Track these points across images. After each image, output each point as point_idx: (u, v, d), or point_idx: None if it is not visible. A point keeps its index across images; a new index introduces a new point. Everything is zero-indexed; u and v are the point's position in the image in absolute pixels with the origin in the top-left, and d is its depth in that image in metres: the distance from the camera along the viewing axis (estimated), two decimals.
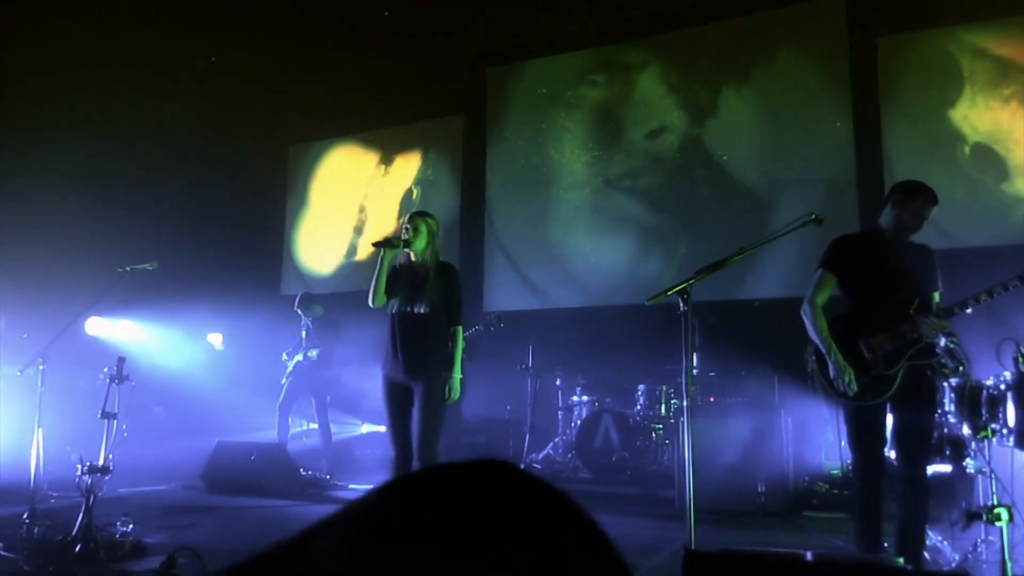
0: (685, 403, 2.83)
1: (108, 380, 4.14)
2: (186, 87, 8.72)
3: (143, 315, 8.12)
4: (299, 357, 6.97)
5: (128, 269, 4.69)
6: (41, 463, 4.50)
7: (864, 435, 3.27)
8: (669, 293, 2.92)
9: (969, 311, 3.21)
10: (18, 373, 4.60)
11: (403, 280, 4.05)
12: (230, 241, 9.56)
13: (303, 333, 7.08)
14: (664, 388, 6.43)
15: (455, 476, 0.53)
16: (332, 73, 9.43)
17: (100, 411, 4.05)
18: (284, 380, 6.96)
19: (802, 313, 3.40)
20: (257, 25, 8.43)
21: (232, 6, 7.97)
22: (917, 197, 3.32)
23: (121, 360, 4.21)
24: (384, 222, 9.37)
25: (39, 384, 4.46)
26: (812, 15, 7.33)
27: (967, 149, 6.57)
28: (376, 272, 3.93)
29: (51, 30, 7.38)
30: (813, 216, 3.11)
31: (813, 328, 3.35)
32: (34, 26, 7.28)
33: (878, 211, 3.48)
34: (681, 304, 2.90)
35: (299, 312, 7.08)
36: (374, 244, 3.99)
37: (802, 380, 5.45)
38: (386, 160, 9.68)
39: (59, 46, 7.55)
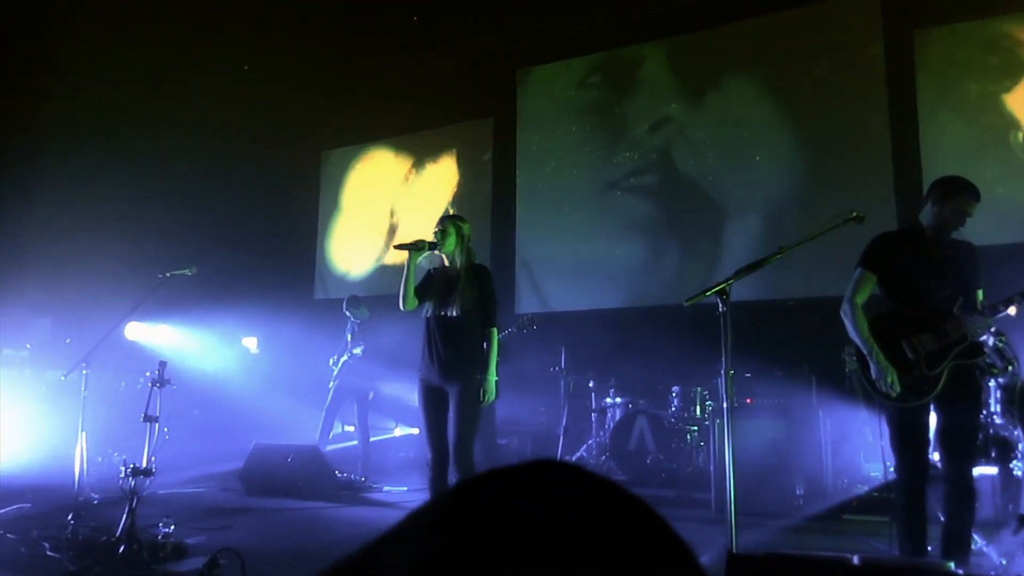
0: (725, 404, 2.80)
1: (150, 384, 4.21)
2: (221, 95, 8.85)
3: (181, 320, 8.26)
4: (345, 357, 7.04)
5: (167, 275, 4.78)
6: (85, 465, 4.59)
7: (907, 437, 3.21)
8: (708, 294, 2.89)
9: (1014, 310, 3.14)
10: (63, 377, 4.70)
11: (437, 284, 4.07)
12: (264, 246, 9.69)
13: (348, 336, 7.14)
14: (699, 390, 6.37)
15: (520, 480, 0.52)
16: (363, 79, 9.52)
17: (143, 414, 4.11)
18: (332, 383, 7.03)
19: (841, 313, 3.35)
20: (289, 33, 8.54)
21: (264, 14, 8.08)
22: (959, 194, 3.25)
23: (162, 364, 4.29)
24: (415, 226, 9.42)
25: (83, 388, 4.55)
26: (844, 10, 7.22)
27: (1021, 136, 6.41)
28: (404, 276, 3.96)
29: (93, 43, 7.53)
30: (853, 214, 3.07)
31: (853, 328, 3.30)
32: (77, 39, 7.44)
33: (917, 208, 3.42)
34: (720, 304, 2.88)
35: (347, 314, 7.15)
36: (396, 247, 4.02)
37: (840, 381, 5.39)
38: (417, 164, 9.73)
39: (101, 58, 7.70)
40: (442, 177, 9.49)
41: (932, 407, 3.21)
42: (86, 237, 7.58)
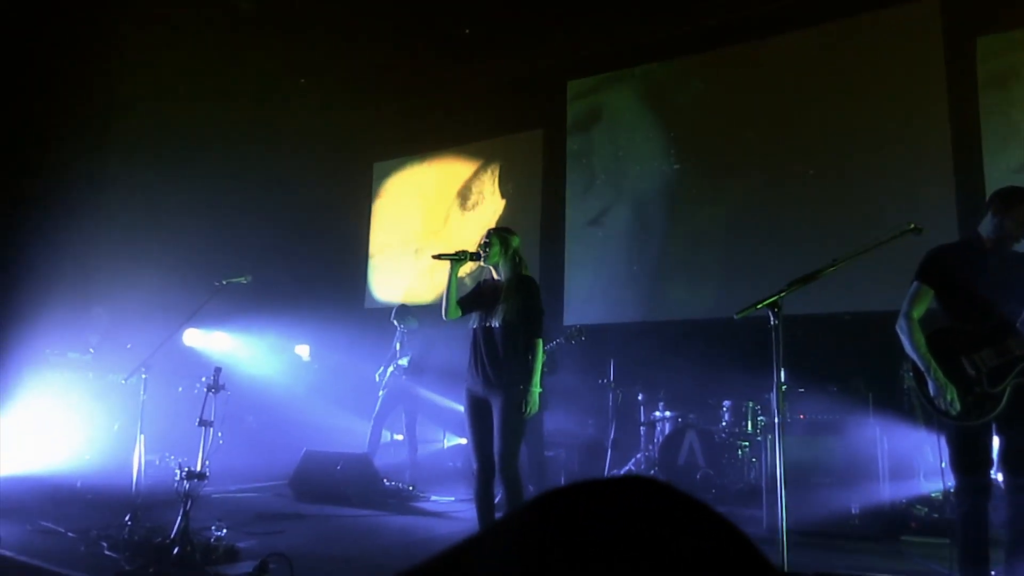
0: (777, 419, 2.75)
1: (205, 389, 4.32)
2: (277, 109, 9.08)
3: (236, 327, 8.46)
4: (392, 367, 7.11)
5: (223, 283, 4.90)
6: (143, 468, 4.73)
7: (969, 457, 3.10)
8: (759, 306, 2.85)
9: None
10: (123, 382, 4.85)
11: (485, 296, 4.10)
12: (316, 255, 9.88)
13: (397, 345, 7.22)
14: (750, 404, 6.26)
15: (610, 495, 0.52)
16: (415, 91, 9.66)
17: (198, 419, 4.23)
18: (381, 392, 7.11)
19: (897, 328, 3.26)
20: (343, 47, 8.72)
21: (319, 29, 8.28)
22: (1020, 204, 3.15)
23: (218, 370, 4.39)
24: (465, 236, 9.50)
25: (141, 392, 4.70)
26: (902, 18, 7.06)
27: None
28: (447, 286, 4.00)
29: (158, 56, 7.80)
30: (911, 225, 3.00)
31: (910, 343, 3.21)
32: (142, 52, 7.72)
33: (977, 220, 3.32)
34: (772, 318, 2.83)
35: (395, 323, 7.22)
36: (435, 257, 4.06)
37: (898, 397, 5.24)
38: (467, 175, 9.81)
39: (167, 72, 7.97)
40: (492, 187, 9.55)
41: (995, 426, 3.10)
42: (148, 247, 7.83)
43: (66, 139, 7.63)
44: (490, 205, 9.51)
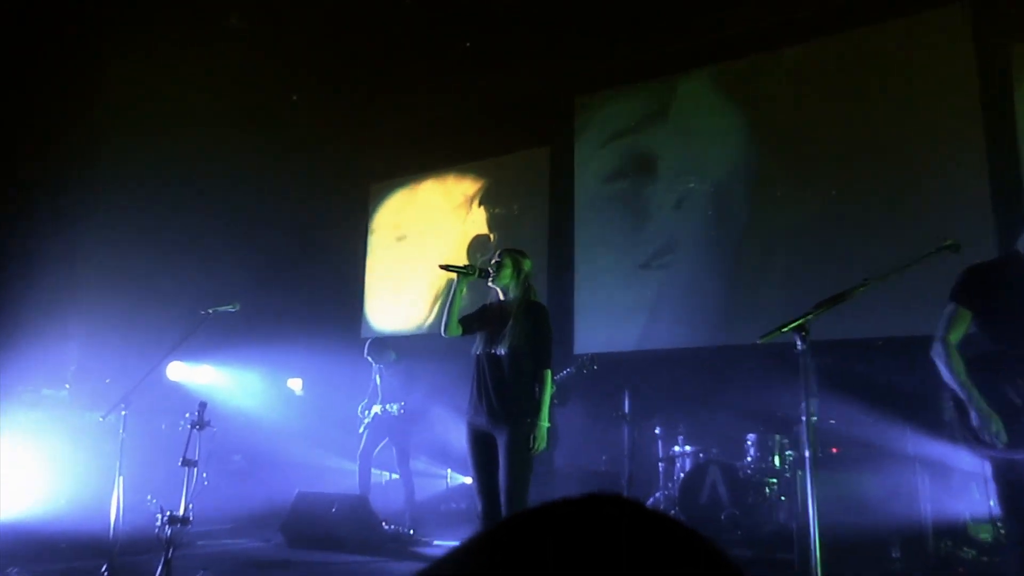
0: (807, 454, 2.69)
1: (189, 426, 4.29)
2: (267, 127, 9.13)
3: (223, 359, 8.43)
4: (376, 409, 7.00)
5: (210, 311, 4.89)
6: (121, 512, 4.68)
7: (1018, 494, 3.03)
8: (785, 330, 2.80)
9: None
10: (101, 419, 4.82)
11: (490, 319, 4.08)
12: (310, 282, 9.86)
13: (376, 378, 7.15)
14: (777, 438, 6.18)
15: (574, 517, 0.49)
16: (413, 109, 9.72)
17: (182, 458, 4.18)
18: (362, 429, 7.04)
19: (933, 354, 3.20)
20: (336, 62, 8.79)
21: (309, 43, 8.35)
22: None
23: (203, 405, 4.36)
24: (468, 259, 9.49)
25: (121, 430, 4.65)
26: (930, 24, 7.07)
27: None
28: (449, 300, 4.01)
29: (134, 76, 7.88)
30: (949, 242, 2.95)
31: (948, 371, 3.15)
32: (119, 71, 7.80)
33: (1016, 236, 3.28)
34: (798, 342, 2.78)
35: (369, 360, 7.14)
36: (442, 267, 4.06)
37: (939, 429, 5.16)
38: (470, 196, 9.83)
39: (150, 91, 8.05)
40: (496, 208, 9.56)
41: None
42: (127, 275, 7.83)
43: (37, 160, 7.67)
44: (494, 225, 9.51)
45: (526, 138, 9.28)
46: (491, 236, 9.49)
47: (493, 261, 4.12)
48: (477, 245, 9.57)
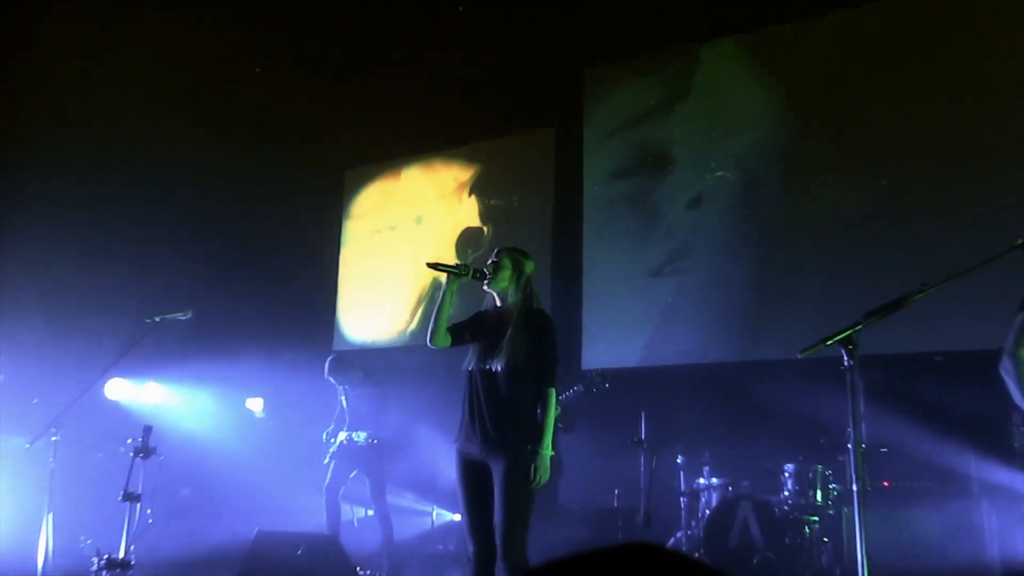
0: (855, 487, 2.69)
1: (132, 454, 4.28)
2: (222, 106, 9.09)
3: (172, 375, 8.41)
4: (342, 436, 6.98)
5: (157, 319, 4.89)
6: (50, 555, 4.66)
7: None
8: (829, 343, 2.81)
9: None
10: (27, 446, 4.80)
11: (485, 329, 4.08)
12: (274, 285, 9.83)
13: (342, 400, 7.14)
14: (819, 469, 6.18)
15: (606, 567, 0.49)
16: (394, 82, 9.68)
17: (122, 492, 4.17)
18: (327, 460, 7.02)
19: (1001, 370, 3.21)
20: (306, 28, 8.76)
21: (271, 5, 8.32)
22: None
23: (147, 430, 4.36)
24: (458, 257, 9.49)
25: (50, 459, 4.64)
26: None
27: None
28: (437, 304, 4.02)
29: (61, 46, 7.85)
30: (1020, 241, 2.95)
31: (1018, 389, 3.15)
32: (42, 41, 7.77)
33: None
34: (846, 357, 2.78)
35: (331, 380, 7.11)
36: (429, 265, 4.06)
37: (1009, 457, 5.16)
38: (461, 184, 9.83)
39: (71, 66, 8.02)
40: (492, 199, 9.55)
41: None
42: (58, 277, 7.80)
43: None
44: (488, 218, 9.51)
45: (527, 117, 9.27)
46: (484, 229, 9.50)
47: (490, 261, 4.14)
48: (468, 240, 9.58)
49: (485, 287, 4.12)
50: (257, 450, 8.39)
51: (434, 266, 4.08)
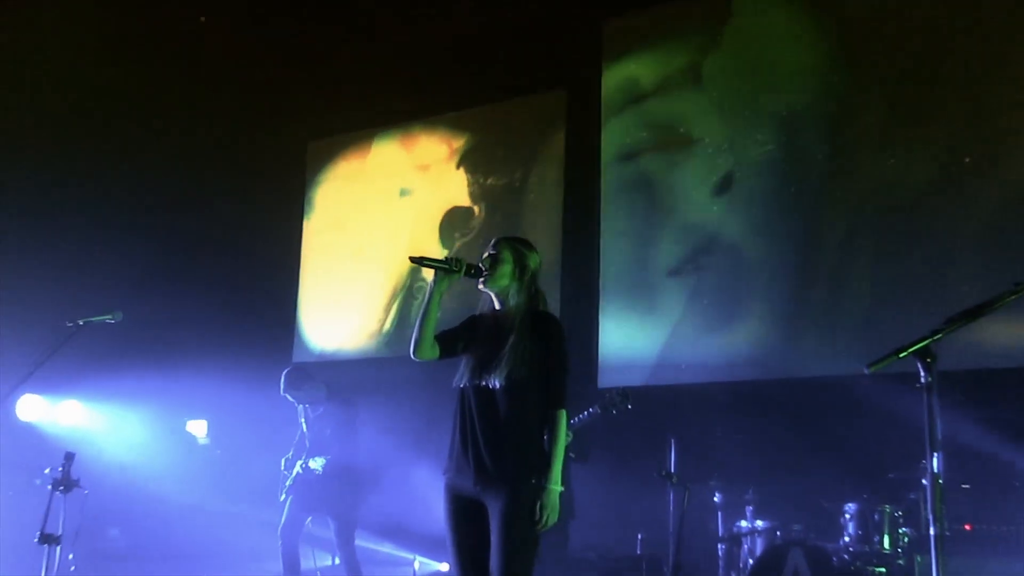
0: (932, 532, 2.71)
1: (50, 487, 4.29)
2: (160, 64, 9.07)
3: (97, 392, 8.41)
4: (298, 467, 6.97)
5: (80, 323, 4.89)
6: None
7: None
8: (903, 355, 2.81)
9: None
10: None
11: (481, 336, 4.07)
12: (221, 284, 9.85)
13: (302, 423, 7.12)
14: (887, 509, 6.19)
15: None
16: (369, 34, 9.68)
17: (39, 533, 4.18)
18: (283, 496, 6.99)
19: None
20: None
21: None
22: None
23: (68, 458, 4.37)
24: (442, 240, 9.50)
25: None
26: None
27: None
28: (422, 308, 3.99)
29: None
30: None
31: None
32: None
33: None
34: (922, 373, 2.79)
35: (288, 398, 7.09)
36: (413, 260, 4.03)
37: None
38: (449, 155, 9.84)
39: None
40: (488, 176, 9.55)
41: None
42: None
43: None
44: (482, 200, 9.51)
45: (532, 78, 9.28)
46: (475, 209, 9.50)
47: (486, 255, 4.11)
48: (456, 220, 9.57)
49: (481, 286, 4.09)
50: (200, 483, 8.40)
51: (419, 261, 4.03)
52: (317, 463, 6.81)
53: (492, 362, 3.95)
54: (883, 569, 6.10)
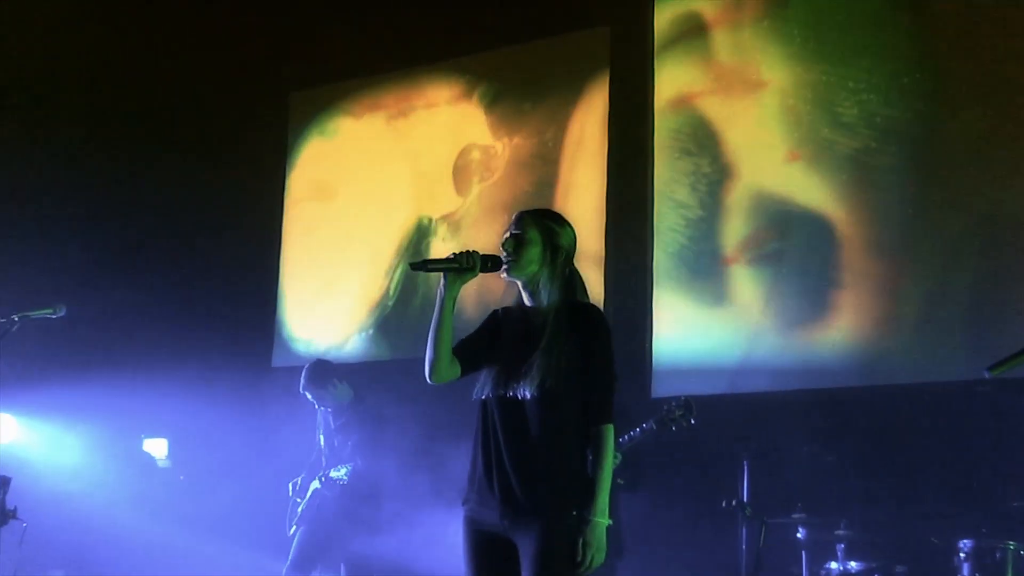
0: None
1: None
2: (118, 7, 9.14)
3: (36, 405, 8.49)
4: (315, 484, 7.06)
5: (15, 319, 4.97)
6: None
7: None
8: None
9: None
10: None
11: (508, 339, 4.09)
12: (184, 272, 9.90)
13: (320, 437, 7.16)
14: (1010, 547, 6.22)
15: None
16: None
17: None
18: (292, 529, 7.04)
19: None
20: None
21: None
22: None
23: (3, 483, 4.45)
24: (462, 233, 9.53)
25: None
26: None
27: None
28: (434, 321, 3.92)
29: None
30: None
31: None
32: None
33: None
34: None
35: (309, 397, 7.17)
36: (414, 266, 4.00)
37: None
38: (467, 114, 9.87)
39: None
40: (515, 137, 9.57)
41: None
42: None
43: None
44: (508, 169, 9.54)
45: (569, 13, 9.30)
46: (497, 147, 9.49)
47: (507, 235, 4.04)
48: (469, 166, 9.59)
49: (504, 275, 4.03)
50: (160, 513, 8.45)
51: (420, 267, 3.97)
52: (340, 472, 6.84)
53: (521, 368, 3.90)
54: None
